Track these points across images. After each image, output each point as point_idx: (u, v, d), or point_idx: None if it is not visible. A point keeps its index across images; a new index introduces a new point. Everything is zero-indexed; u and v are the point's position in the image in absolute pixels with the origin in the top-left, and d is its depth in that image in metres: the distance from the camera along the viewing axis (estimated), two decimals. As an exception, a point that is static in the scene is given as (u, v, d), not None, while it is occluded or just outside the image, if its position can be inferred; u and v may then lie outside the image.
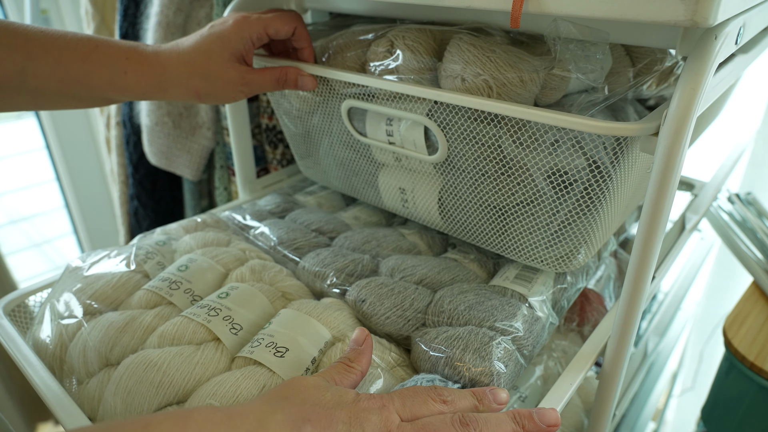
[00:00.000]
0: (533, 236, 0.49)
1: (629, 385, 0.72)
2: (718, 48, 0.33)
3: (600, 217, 0.45)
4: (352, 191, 0.67)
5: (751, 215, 0.86)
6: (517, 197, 0.47)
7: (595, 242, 0.49)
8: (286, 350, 0.42)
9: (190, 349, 0.43)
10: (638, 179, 0.49)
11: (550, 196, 0.45)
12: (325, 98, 0.58)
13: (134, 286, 0.52)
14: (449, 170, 0.51)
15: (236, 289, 0.50)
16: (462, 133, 0.47)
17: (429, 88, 0.46)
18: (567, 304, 0.52)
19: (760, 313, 0.77)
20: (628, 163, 0.43)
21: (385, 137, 0.53)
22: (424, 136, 0.50)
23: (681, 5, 0.29)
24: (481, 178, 0.48)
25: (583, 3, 0.33)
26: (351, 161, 0.62)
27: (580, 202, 0.44)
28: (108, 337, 0.45)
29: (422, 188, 0.56)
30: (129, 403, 0.40)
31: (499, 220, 0.50)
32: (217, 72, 0.50)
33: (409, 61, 0.49)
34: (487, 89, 0.44)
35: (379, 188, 0.61)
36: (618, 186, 0.44)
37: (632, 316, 0.41)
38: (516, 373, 0.43)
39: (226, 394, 0.39)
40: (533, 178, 0.45)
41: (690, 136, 0.34)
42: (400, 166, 0.56)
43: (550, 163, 0.43)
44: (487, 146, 0.46)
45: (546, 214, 0.46)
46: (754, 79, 0.93)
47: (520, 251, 0.51)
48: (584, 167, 0.42)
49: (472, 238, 0.55)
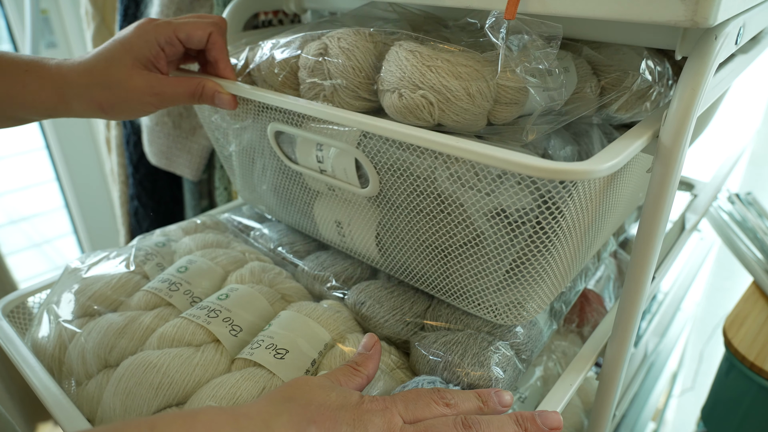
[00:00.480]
0: (478, 282, 0.42)
1: (629, 385, 0.72)
2: (718, 48, 0.33)
3: (555, 261, 0.40)
4: (290, 221, 0.60)
5: (751, 215, 0.85)
6: (457, 239, 0.41)
7: (551, 289, 0.43)
8: (286, 352, 0.42)
9: (190, 351, 0.43)
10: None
11: (495, 239, 0.39)
12: (253, 116, 0.51)
13: (133, 287, 0.51)
14: (384, 205, 0.45)
15: (236, 290, 0.50)
16: (393, 164, 0.40)
17: (345, 112, 0.40)
18: (565, 307, 0.52)
19: (760, 313, 0.76)
20: (588, 197, 0.37)
21: (316, 164, 0.47)
22: (355, 166, 0.43)
23: (681, 5, 0.29)
24: (418, 215, 0.42)
25: (583, 3, 0.33)
26: (285, 188, 0.55)
27: (530, 247, 0.38)
28: (107, 339, 0.45)
29: (358, 223, 0.49)
30: (128, 405, 0.40)
31: (442, 262, 0.44)
32: (119, 80, 0.45)
33: (345, 71, 0.41)
34: (428, 105, 0.37)
35: (315, 219, 0.54)
36: (576, 225, 0.39)
37: (632, 316, 0.41)
38: (514, 377, 0.43)
39: (226, 395, 0.39)
40: (472, 220, 0.38)
41: (690, 136, 0.34)
42: (334, 196, 0.49)
43: (493, 202, 0.36)
44: (421, 180, 0.39)
45: (491, 258, 0.40)
46: (754, 79, 0.93)
47: (464, 298, 0.45)
48: (532, 207, 0.35)
49: (413, 280, 0.48)
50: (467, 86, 0.36)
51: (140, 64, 0.46)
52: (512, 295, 0.41)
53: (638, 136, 0.35)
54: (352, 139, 0.42)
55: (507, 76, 0.37)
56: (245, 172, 0.60)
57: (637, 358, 0.77)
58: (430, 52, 0.38)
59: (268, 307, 0.50)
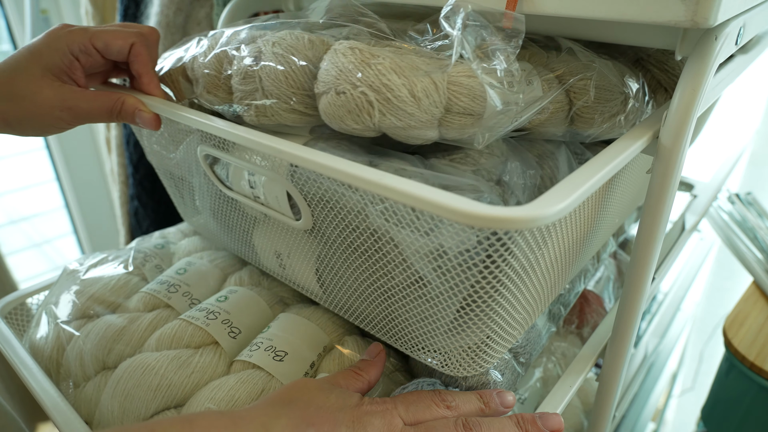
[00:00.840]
0: (423, 327, 0.37)
1: (629, 385, 0.72)
2: (719, 49, 0.33)
3: (511, 304, 0.34)
4: (233, 249, 0.54)
5: (751, 215, 0.85)
6: (398, 281, 0.35)
7: (511, 332, 0.38)
8: (285, 354, 0.42)
9: (188, 353, 0.43)
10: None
11: (438, 283, 0.33)
12: (183, 137, 0.46)
13: (132, 288, 0.51)
14: (321, 239, 0.39)
15: (235, 292, 0.49)
16: (323, 196, 0.35)
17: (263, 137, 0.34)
18: (564, 309, 0.52)
19: (760, 313, 0.76)
20: (550, 233, 0.32)
21: (250, 190, 0.41)
22: (286, 196, 0.38)
23: (681, 6, 0.29)
24: (354, 253, 0.37)
25: (582, 3, 0.33)
26: (224, 214, 0.49)
27: (480, 293, 0.32)
28: (105, 341, 0.45)
29: (297, 256, 0.44)
30: (126, 407, 0.40)
31: (384, 304, 0.38)
32: (26, 92, 0.40)
33: (277, 80, 0.36)
34: (367, 106, 0.32)
35: (255, 248, 0.49)
36: (533, 263, 0.33)
37: (632, 317, 0.41)
38: (512, 381, 0.43)
39: (224, 398, 0.39)
40: (410, 262, 0.33)
41: (690, 137, 0.34)
42: (273, 224, 0.44)
43: (433, 242, 0.30)
44: (353, 215, 0.34)
45: (436, 303, 0.34)
46: (754, 79, 0.93)
47: (411, 345, 0.40)
48: (477, 251, 0.29)
49: (358, 321, 0.44)
50: (411, 85, 0.31)
51: (51, 74, 0.41)
52: (463, 341, 0.36)
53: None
54: (280, 166, 0.37)
55: (460, 71, 0.32)
56: (185, 193, 0.55)
57: (637, 358, 0.77)
58: (372, 49, 0.33)
59: (267, 309, 0.49)
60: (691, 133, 0.34)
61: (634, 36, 0.42)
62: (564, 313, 0.52)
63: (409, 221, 0.30)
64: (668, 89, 0.45)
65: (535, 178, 0.39)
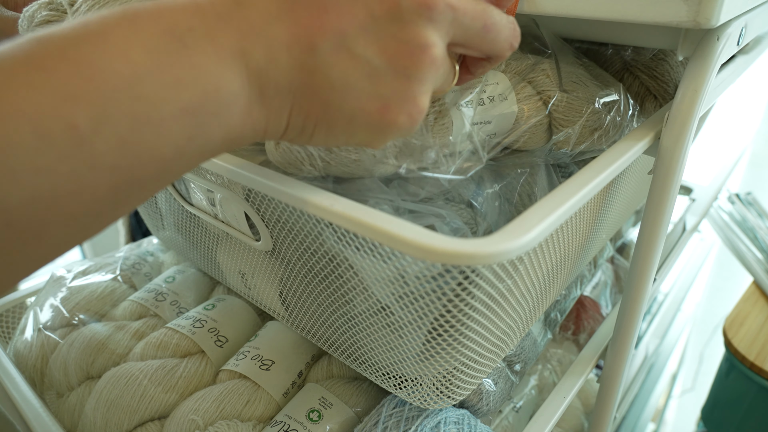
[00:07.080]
0: (388, 356, 0.34)
1: (629, 386, 0.72)
2: (720, 49, 0.32)
3: (481, 334, 0.31)
4: (200, 265, 0.52)
5: (751, 215, 0.84)
6: (360, 308, 0.33)
7: (485, 362, 0.35)
8: (272, 363, 0.41)
9: (173, 362, 0.42)
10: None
11: (402, 314, 0.30)
12: None
13: (119, 297, 0.50)
14: (282, 261, 0.37)
15: (223, 300, 0.48)
16: (279, 216, 0.33)
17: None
18: (560, 316, 0.51)
19: (760, 313, 0.76)
20: (518, 263, 0.29)
21: (209, 207, 0.39)
22: (244, 215, 0.36)
23: (683, 6, 0.28)
24: (316, 278, 0.35)
25: (582, 3, 0.32)
26: (187, 230, 0.47)
27: (445, 326, 0.29)
28: (90, 350, 0.44)
29: (261, 277, 0.42)
30: (109, 418, 0.39)
31: (350, 332, 0.36)
32: None
33: None
34: (308, 157, 0.29)
35: (220, 266, 0.47)
36: (505, 292, 0.30)
37: (633, 318, 0.40)
38: (506, 390, 0.42)
39: (209, 408, 0.38)
40: (371, 288, 0.30)
41: (692, 137, 0.33)
42: (235, 243, 0.42)
43: (392, 269, 0.27)
44: (311, 238, 0.32)
45: (401, 333, 0.31)
46: (754, 80, 0.92)
47: (379, 374, 0.37)
48: (442, 274, 0.26)
49: (326, 346, 0.41)
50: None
51: None
52: (433, 369, 0.32)
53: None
54: (235, 185, 0.34)
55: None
56: (149, 208, 0.53)
57: (637, 359, 0.76)
58: None
59: (256, 317, 0.48)
60: (693, 133, 0.33)
61: (634, 36, 0.41)
62: (560, 319, 0.51)
63: (367, 248, 0.28)
64: (657, 96, 0.43)
65: (511, 197, 0.36)
